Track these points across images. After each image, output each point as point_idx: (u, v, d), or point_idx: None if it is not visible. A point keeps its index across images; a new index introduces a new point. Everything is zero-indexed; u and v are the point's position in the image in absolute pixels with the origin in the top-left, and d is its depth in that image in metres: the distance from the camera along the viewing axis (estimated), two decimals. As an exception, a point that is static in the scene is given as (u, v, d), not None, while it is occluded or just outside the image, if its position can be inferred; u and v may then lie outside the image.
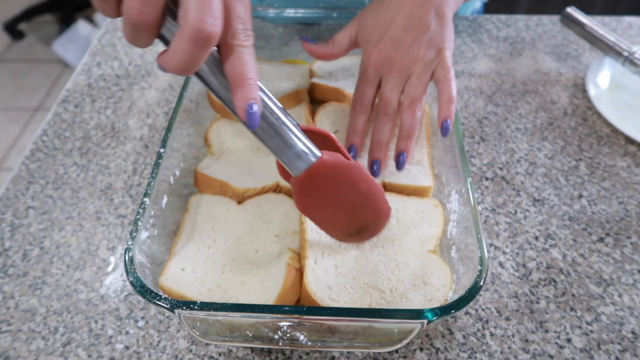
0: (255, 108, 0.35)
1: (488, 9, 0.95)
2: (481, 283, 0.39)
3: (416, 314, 0.37)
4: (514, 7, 1.40)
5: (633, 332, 0.47)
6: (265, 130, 0.38)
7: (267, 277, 0.46)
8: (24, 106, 2.16)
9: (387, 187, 0.53)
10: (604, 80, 0.72)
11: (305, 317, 0.38)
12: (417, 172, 0.54)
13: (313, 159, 0.40)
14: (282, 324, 0.40)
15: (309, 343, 0.42)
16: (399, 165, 0.53)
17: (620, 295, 0.50)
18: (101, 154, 0.65)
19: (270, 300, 0.43)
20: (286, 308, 0.38)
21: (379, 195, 0.44)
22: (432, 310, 0.37)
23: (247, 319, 0.40)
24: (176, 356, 0.46)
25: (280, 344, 0.42)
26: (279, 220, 0.51)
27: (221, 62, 0.36)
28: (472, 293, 0.39)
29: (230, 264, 0.48)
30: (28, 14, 2.48)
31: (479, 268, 0.40)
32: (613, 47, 0.71)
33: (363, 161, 0.55)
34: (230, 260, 0.48)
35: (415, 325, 0.38)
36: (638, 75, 0.69)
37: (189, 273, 0.47)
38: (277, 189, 0.55)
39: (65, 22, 2.38)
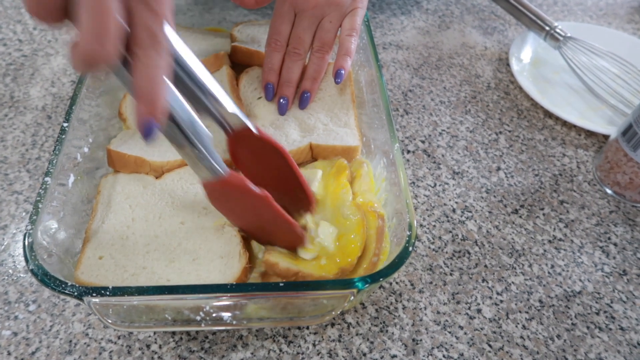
0: (152, 125, 0.32)
1: None
2: (410, 249, 0.38)
3: (346, 284, 0.36)
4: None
5: (540, 301, 0.48)
6: (173, 138, 0.36)
7: (202, 255, 0.43)
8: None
9: (315, 150, 0.52)
10: (526, 55, 0.73)
11: (235, 294, 0.35)
12: (345, 134, 0.52)
13: (214, 176, 0.38)
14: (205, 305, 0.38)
15: (234, 322, 0.39)
16: (302, 102, 0.55)
17: (530, 265, 0.51)
18: (-4, 125, 0.59)
19: (208, 280, 0.41)
20: (215, 286, 0.36)
21: (285, 227, 0.43)
22: (362, 278, 0.36)
23: (170, 302, 0.36)
24: (70, 341, 0.43)
25: (202, 325, 0.39)
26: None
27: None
28: (401, 259, 0.37)
29: (154, 241, 0.44)
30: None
31: (408, 233, 0.39)
32: (536, 22, 0.72)
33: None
34: (153, 238, 0.44)
35: (346, 294, 0.36)
36: (558, 50, 0.70)
37: (107, 260, 0.42)
38: None
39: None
